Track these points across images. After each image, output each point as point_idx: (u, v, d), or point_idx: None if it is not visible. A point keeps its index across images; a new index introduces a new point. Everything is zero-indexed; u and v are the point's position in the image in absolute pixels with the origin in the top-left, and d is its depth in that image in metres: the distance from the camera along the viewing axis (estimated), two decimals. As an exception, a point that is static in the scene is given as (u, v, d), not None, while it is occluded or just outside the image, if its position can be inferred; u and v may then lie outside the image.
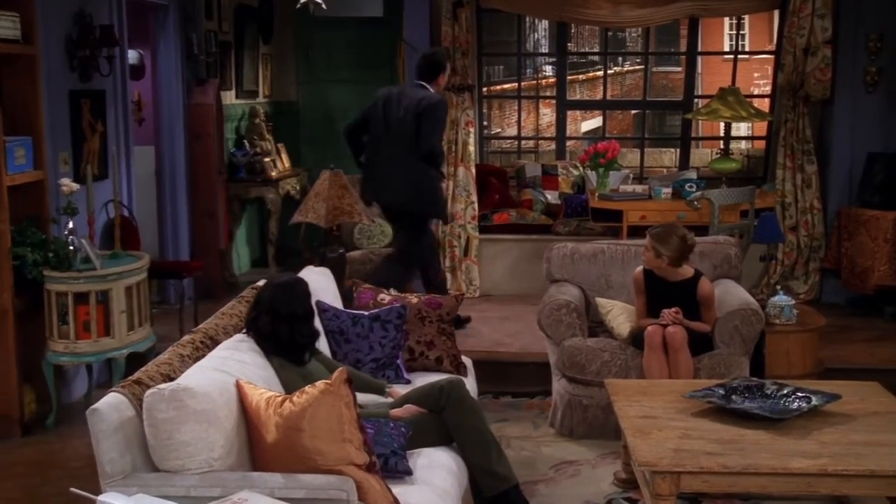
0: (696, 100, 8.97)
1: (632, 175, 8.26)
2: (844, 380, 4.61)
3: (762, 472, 3.53)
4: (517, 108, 10.70)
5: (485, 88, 10.00)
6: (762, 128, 8.72)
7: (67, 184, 5.32)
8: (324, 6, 6.42)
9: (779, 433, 3.76)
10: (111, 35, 6.15)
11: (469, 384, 4.43)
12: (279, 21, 9.70)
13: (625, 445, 4.25)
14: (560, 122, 8.96)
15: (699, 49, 9.44)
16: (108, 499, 2.64)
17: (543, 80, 15.12)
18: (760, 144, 9.02)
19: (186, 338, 3.70)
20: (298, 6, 6.49)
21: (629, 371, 5.04)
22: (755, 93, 16.48)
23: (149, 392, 3.00)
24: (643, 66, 14.25)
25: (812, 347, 5.68)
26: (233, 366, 3.32)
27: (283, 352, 3.64)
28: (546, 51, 17.45)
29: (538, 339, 5.59)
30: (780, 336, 5.55)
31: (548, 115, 13.86)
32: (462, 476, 3.75)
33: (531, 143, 10.31)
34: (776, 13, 8.48)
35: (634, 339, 5.10)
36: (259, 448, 3.16)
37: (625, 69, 22.36)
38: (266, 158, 8.80)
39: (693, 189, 7.17)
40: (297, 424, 3.02)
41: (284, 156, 9.32)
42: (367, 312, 4.56)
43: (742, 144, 10.07)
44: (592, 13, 7.99)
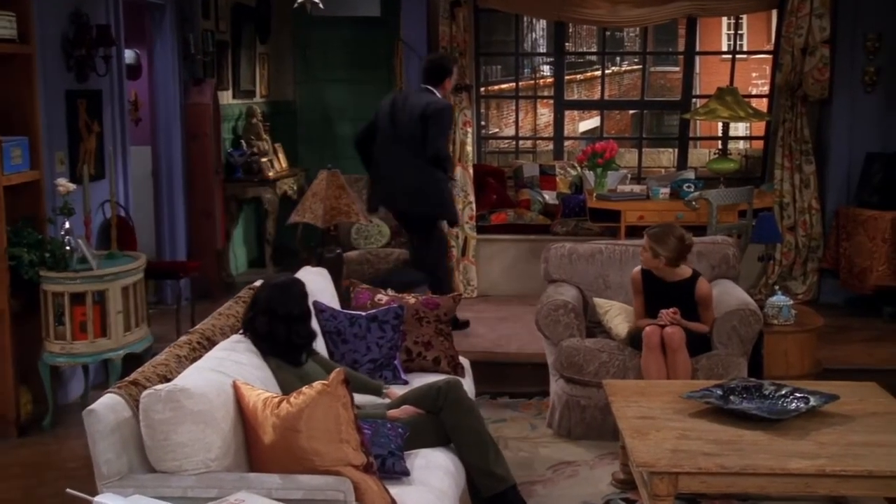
0: (694, 100, 8.97)
1: (630, 175, 8.26)
2: (842, 380, 4.61)
3: (760, 473, 3.53)
4: (515, 108, 10.71)
5: (482, 88, 10.00)
6: (760, 128, 8.71)
7: (64, 184, 5.30)
8: (321, 6, 6.40)
9: (777, 434, 3.76)
10: (108, 35, 6.14)
11: (467, 385, 4.43)
12: (276, 20, 9.69)
13: (623, 446, 4.25)
14: (558, 122, 8.95)
15: (697, 49, 9.46)
16: (105, 500, 2.63)
17: (541, 80, 15.13)
18: (758, 144, 9.01)
19: (183, 338, 3.69)
20: (295, 6, 6.46)
21: (627, 371, 5.04)
22: (753, 93, 16.52)
23: (145, 393, 2.99)
24: (641, 66, 14.25)
25: (810, 348, 5.68)
26: (230, 366, 3.31)
27: (280, 352, 3.64)
28: (544, 51, 17.45)
29: (536, 340, 5.59)
30: (779, 336, 5.54)
31: (545, 115, 13.87)
32: (459, 477, 3.75)
33: (529, 143, 10.32)
34: (774, 13, 8.48)
35: (632, 340, 5.09)
36: (256, 449, 3.15)
37: (623, 69, 22.36)
38: (263, 158, 8.79)
39: (691, 189, 7.17)
40: (295, 425, 3.02)
41: (281, 156, 9.31)
42: (365, 313, 4.56)
43: (740, 144, 10.08)
44: (590, 13, 7.98)
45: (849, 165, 7.61)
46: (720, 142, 8.19)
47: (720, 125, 7.96)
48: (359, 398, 3.75)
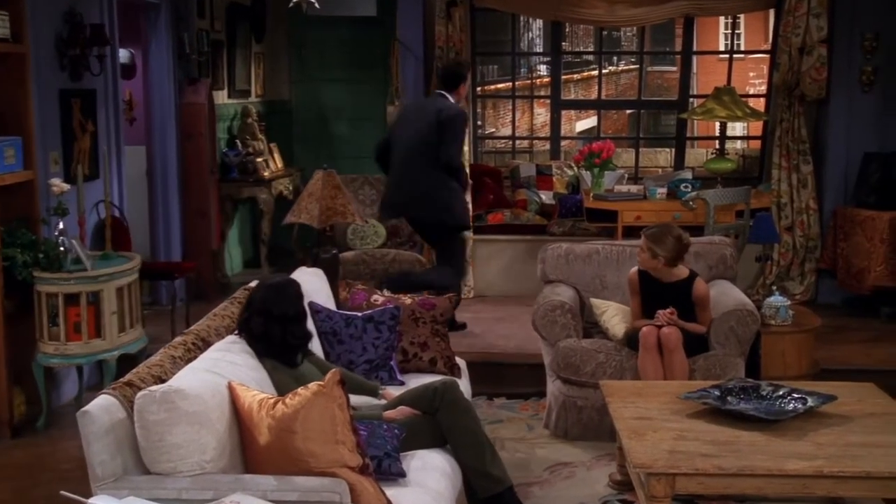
0: (692, 99, 8.96)
1: (627, 175, 8.24)
2: (840, 381, 4.60)
3: (758, 474, 3.52)
4: (511, 108, 10.70)
5: (479, 88, 9.97)
6: (758, 127, 8.70)
7: (58, 184, 5.28)
8: (317, 5, 6.37)
9: (774, 434, 3.75)
10: (102, 34, 6.11)
11: (463, 385, 4.43)
12: (272, 20, 9.66)
13: (620, 447, 4.23)
14: (554, 122, 8.94)
15: (694, 48, 9.47)
16: (99, 502, 2.64)
17: (538, 80, 15.12)
18: (756, 144, 9.01)
19: (178, 339, 3.68)
20: (291, 5, 6.43)
21: (624, 372, 5.02)
22: (750, 92, 16.52)
23: (140, 394, 2.98)
24: (638, 66, 14.23)
25: (808, 348, 5.67)
26: (225, 367, 3.30)
27: (276, 353, 3.62)
28: (540, 50, 17.49)
29: (532, 340, 5.57)
30: (776, 337, 5.54)
31: (542, 115, 13.87)
32: (456, 478, 3.74)
33: (525, 143, 10.31)
34: (771, 12, 8.47)
35: (629, 340, 5.08)
36: (251, 450, 3.14)
37: (620, 69, 22.37)
38: (258, 158, 8.77)
39: (688, 189, 7.16)
40: (290, 426, 3.01)
41: (277, 156, 9.28)
42: (361, 314, 4.55)
43: (737, 144, 10.06)
44: (587, 12, 7.98)
45: (846, 165, 7.61)
46: (717, 142, 8.18)
47: (717, 125, 7.94)
48: (355, 399, 3.74)
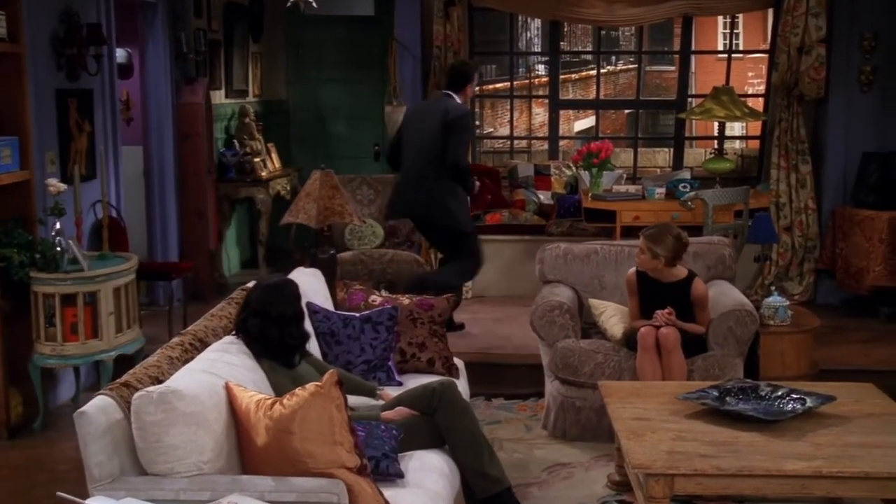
0: (690, 99, 8.95)
1: (625, 175, 8.23)
2: (839, 381, 4.59)
3: (756, 475, 3.51)
4: (509, 108, 10.70)
5: (477, 88, 9.95)
6: (756, 127, 8.69)
7: (54, 184, 5.27)
8: (314, 4, 6.36)
9: (773, 435, 3.74)
10: (99, 33, 6.09)
11: (461, 386, 4.42)
12: (269, 19, 9.65)
13: (618, 448, 4.22)
14: (553, 122, 8.93)
15: (693, 48, 9.47)
16: (96, 503, 2.62)
17: (536, 80, 15.11)
18: (754, 144, 9.01)
19: (175, 340, 3.67)
20: (289, 4, 6.42)
21: (622, 373, 5.01)
22: (749, 92, 16.50)
23: (137, 395, 2.97)
24: (636, 66, 14.21)
25: (807, 349, 5.67)
26: (222, 368, 3.30)
27: (273, 354, 3.61)
28: (538, 50, 17.47)
29: (531, 341, 5.56)
30: (775, 337, 5.53)
31: (540, 115, 13.87)
32: (454, 479, 3.74)
33: (524, 143, 10.31)
34: (770, 12, 8.46)
35: (628, 341, 5.07)
36: (249, 451, 3.13)
37: (618, 68, 22.37)
38: (256, 158, 8.75)
39: (687, 189, 7.15)
40: (288, 427, 3.00)
41: (274, 155, 9.27)
42: (358, 314, 4.54)
43: (736, 144, 10.07)
44: (586, 12, 7.97)
45: (845, 165, 7.61)
46: (716, 141, 8.17)
47: (716, 125, 7.93)
48: (352, 400, 3.74)
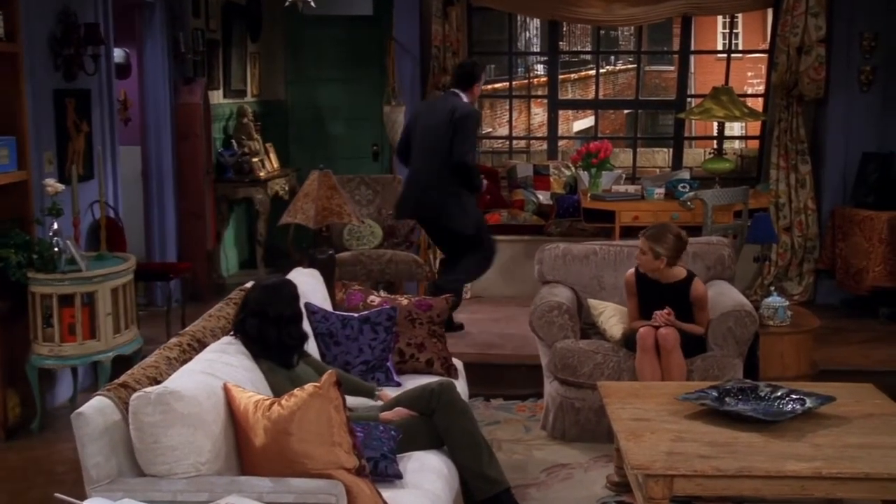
0: (689, 99, 8.93)
1: (624, 175, 8.21)
2: (839, 381, 4.58)
3: (756, 476, 3.50)
4: (508, 108, 10.68)
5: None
6: (756, 127, 8.68)
7: (52, 184, 5.25)
8: (312, 4, 6.35)
9: (772, 436, 3.74)
10: (96, 33, 6.08)
11: (460, 387, 4.41)
12: (267, 19, 9.64)
13: (617, 448, 4.21)
14: (552, 122, 8.92)
15: (692, 48, 9.46)
16: (93, 504, 2.61)
17: (535, 80, 15.08)
18: (754, 144, 8.99)
19: (173, 340, 3.67)
20: (287, 4, 6.42)
21: (622, 373, 5.01)
22: (749, 92, 16.46)
23: (135, 395, 2.97)
24: (636, 65, 14.18)
25: (806, 349, 5.66)
26: (220, 369, 3.29)
27: (272, 354, 3.61)
28: (537, 50, 17.45)
29: (530, 341, 5.55)
30: (774, 338, 5.53)
31: (539, 115, 13.84)
32: (453, 479, 3.73)
33: (523, 143, 10.28)
34: (770, 11, 8.45)
35: (627, 341, 5.06)
36: (247, 452, 3.13)
37: (617, 68, 22.34)
38: (254, 158, 8.74)
39: (686, 189, 7.14)
40: (286, 428, 3.00)
41: (273, 156, 9.26)
42: (357, 314, 4.53)
43: (735, 144, 10.07)
44: (584, 11, 7.96)
45: (845, 165, 7.59)
46: (715, 141, 8.16)
47: (715, 125, 7.92)
48: (351, 400, 3.74)
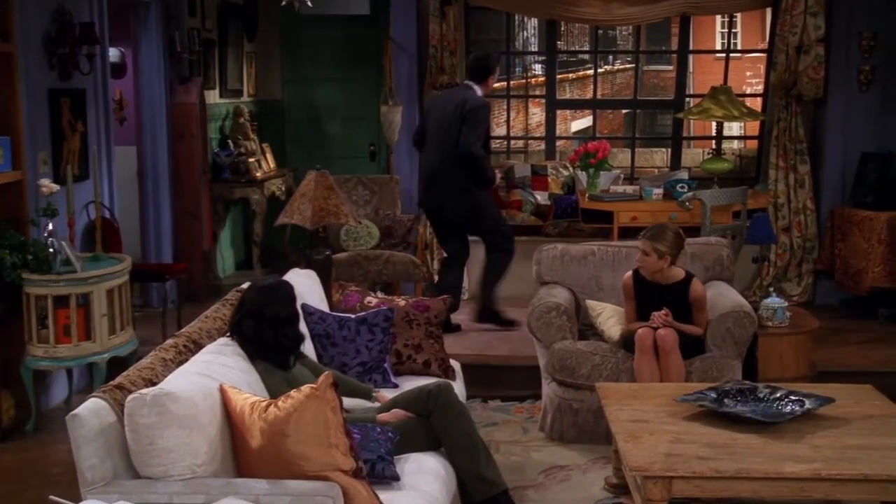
0: (688, 99, 8.93)
1: (622, 175, 8.21)
2: (838, 383, 4.57)
3: (755, 477, 3.50)
4: (506, 108, 10.67)
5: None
6: (754, 127, 8.68)
7: (47, 184, 5.23)
8: (309, 3, 6.32)
9: (771, 437, 3.74)
10: (91, 33, 6.05)
11: (457, 388, 4.40)
12: (264, 18, 9.61)
13: (616, 450, 4.21)
14: (550, 122, 8.90)
15: (691, 47, 9.44)
16: (88, 507, 2.60)
17: (533, 79, 15.07)
18: (753, 144, 8.99)
19: (169, 342, 3.67)
20: (284, 3, 6.39)
21: (620, 374, 4.99)
22: (747, 92, 16.47)
23: (130, 397, 2.97)
24: (634, 65, 14.18)
25: (805, 350, 5.66)
26: (216, 370, 3.29)
27: (268, 356, 3.61)
28: (535, 49, 17.42)
29: (528, 342, 5.54)
30: (773, 339, 5.53)
31: (537, 115, 13.82)
32: (450, 481, 3.72)
33: (520, 143, 10.28)
34: (768, 11, 8.44)
35: (625, 342, 5.05)
36: (243, 454, 3.12)
37: (615, 68, 22.36)
38: (251, 158, 8.71)
39: (684, 189, 7.14)
40: (283, 430, 2.99)
41: (269, 156, 9.23)
42: (354, 316, 4.52)
43: (734, 144, 10.07)
44: (583, 11, 7.94)
45: (844, 165, 7.59)
46: (714, 141, 8.15)
47: (714, 125, 7.91)
48: (348, 402, 3.72)
